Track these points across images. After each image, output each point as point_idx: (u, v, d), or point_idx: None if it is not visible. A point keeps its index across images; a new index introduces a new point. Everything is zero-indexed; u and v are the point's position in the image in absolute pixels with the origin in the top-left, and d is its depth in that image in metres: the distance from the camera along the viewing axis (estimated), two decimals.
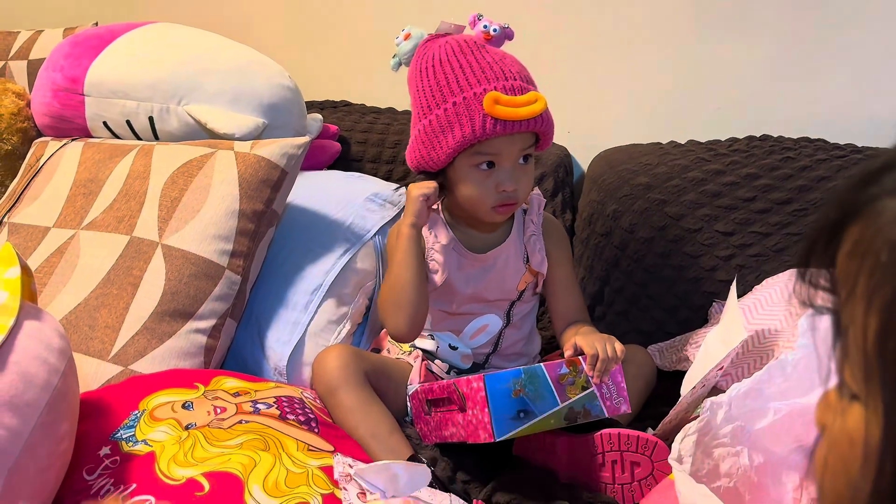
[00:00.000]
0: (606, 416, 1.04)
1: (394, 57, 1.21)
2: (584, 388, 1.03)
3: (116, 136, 1.48)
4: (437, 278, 1.22)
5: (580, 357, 1.06)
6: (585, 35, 1.70)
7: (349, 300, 1.34)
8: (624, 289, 1.47)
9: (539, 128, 1.13)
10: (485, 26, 1.15)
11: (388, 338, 1.35)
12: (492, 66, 1.12)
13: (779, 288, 1.24)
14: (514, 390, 0.99)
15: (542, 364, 1.04)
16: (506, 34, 1.16)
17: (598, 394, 1.03)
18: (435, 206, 1.24)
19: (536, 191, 1.30)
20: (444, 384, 1.09)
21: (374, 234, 1.39)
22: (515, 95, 1.10)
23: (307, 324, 1.30)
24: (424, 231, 1.24)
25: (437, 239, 1.23)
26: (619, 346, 1.07)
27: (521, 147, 1.14)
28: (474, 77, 1.11)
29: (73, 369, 0.91)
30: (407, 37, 1.18)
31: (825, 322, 0.93)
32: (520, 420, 0.99)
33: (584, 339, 1.08)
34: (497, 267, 1.23)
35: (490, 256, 1.23)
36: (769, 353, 1.12)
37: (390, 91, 1.78)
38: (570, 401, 1.02)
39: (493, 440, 0.97)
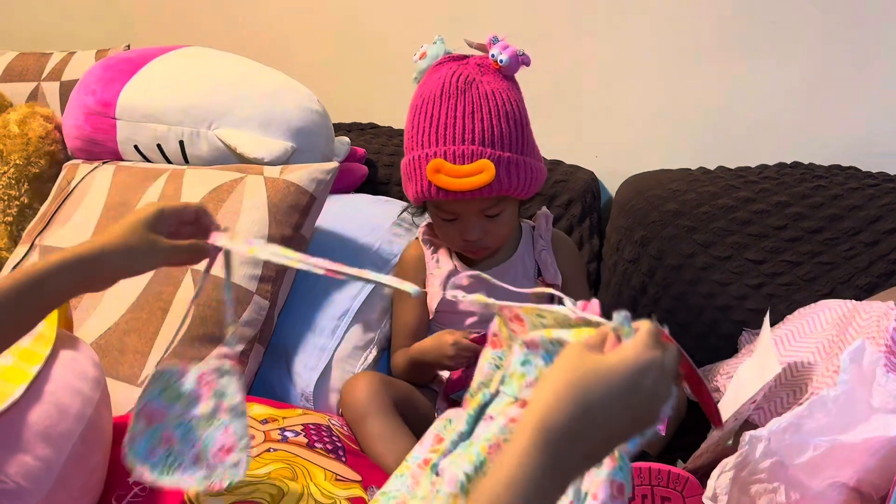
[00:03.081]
0: None
1: (414, 73, 1.22)
2: None
3: (147, 160, 1.49)
4: (431, 306, 1.26)
5: None
6: (613, 59, 1.69)
7: (376, 326, 1.34)
8: (652, 316, 1.46)
9: (490, 194, 1.10)
10: (492, 55, 1.14)
11: None
12: (454, 123, 1.09)
13: (811, 319, 1.22)
14: None
15: None
16: (521, 61, 1.14)
17: None
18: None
19: (544, 209, 1.31)
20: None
21: None
22: (462, 164, 1.08)
23: (334, 350, 1.30)
24: (426, 256, 1.26)
25: (437, 264, 1.25)
26: None
27: (478, 208, 1.14)
28: (430, 137, 1.10)
29: (107, 399, 0.91)
30: (423, 56, 1.20)
31: (867, 357, 0.92)
32: None
33: None
34: (504, 283, 1.23)
35: (496, 273, 1.22)
36: (803, 386, 1.11)
37: None
38: None
39: None
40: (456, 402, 1.19)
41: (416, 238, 1.31)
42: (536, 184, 1.17)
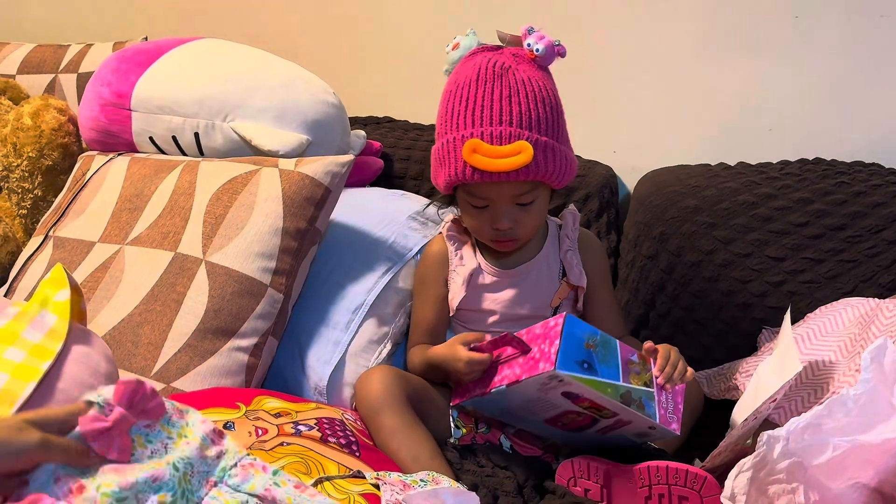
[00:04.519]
0: (657, 421, 1.02)
1: (446, 64, 1.21)
2: (646, 385, 1.04)
3: (162, 152, 1.49)
4: (453, 304, 1.25)
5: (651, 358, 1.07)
6: (633, 53, 1.67)
7: (390, 320, 1.33)
8: (670, 313, 1.44)
9: (527, 177, 1.10)
10: (528, 45, 1.13)
11: None
12: (492, 105, 1.08)
13: (833, 317, 1.20)
14: (586, 342, 1.01)
15: (617, 339, 1.05)
16: (557, 52, 1.14)
17: (656, 397, 1.03)
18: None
19: (571, 207, 1.29)
20: (501, 336, 1.09)
21: (416, 253, 1.37)
22: (500, 145, 1.07)
23: (348, 343, 1.29)
24: (450, 252, 1.25)
25: (461, 261, 1.24)
26: (690, 369, 1.08)
27: (512, 194, 1.13)
28: (466, 118, 1.10)
29: None
30: (455, 46, 1.19)
31: (889, 356, 0.90)
32: (582, 369, 0.99)
33: (661, 344, 1.09)
34: (528, 282, 1.23)
35: (520, 271, 1.23)
36: (824, 385, 1.09)
37: (434, 107, 1.77)
38: (631, 386, 1.02)
39: (553, 369, 0.98)
40: (463, 410, 1.18)
41: (440, 233, 1.30)
42: (570, 173, 1.16)
